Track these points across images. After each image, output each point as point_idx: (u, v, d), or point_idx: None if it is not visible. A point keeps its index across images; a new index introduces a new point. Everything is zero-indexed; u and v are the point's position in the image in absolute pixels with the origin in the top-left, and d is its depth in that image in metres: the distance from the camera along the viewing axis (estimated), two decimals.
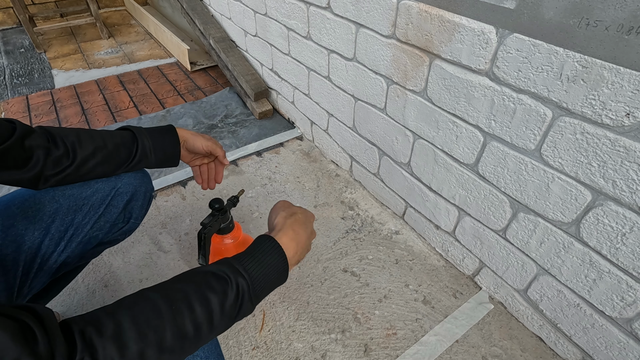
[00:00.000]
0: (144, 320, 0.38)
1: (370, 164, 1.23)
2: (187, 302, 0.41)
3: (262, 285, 0.47)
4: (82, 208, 0.66)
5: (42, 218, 0.62)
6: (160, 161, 0.70)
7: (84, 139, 0.61)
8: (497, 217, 0.85)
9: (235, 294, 0.44)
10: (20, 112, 1.71)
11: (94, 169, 0.63)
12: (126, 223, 0.73)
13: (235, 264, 0.46)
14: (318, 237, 1.14)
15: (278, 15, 1.33)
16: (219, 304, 0.42)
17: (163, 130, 0.70)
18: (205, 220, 0.78)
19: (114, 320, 0.37)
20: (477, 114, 0.79)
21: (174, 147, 0.70)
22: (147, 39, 2.55)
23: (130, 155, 0.66)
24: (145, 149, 0.67)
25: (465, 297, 0.98)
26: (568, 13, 0.56)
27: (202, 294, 0.42)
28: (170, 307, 0.40)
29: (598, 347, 0.76)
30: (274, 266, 0.49)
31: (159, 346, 0.38)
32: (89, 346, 0.34)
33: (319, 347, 0.87)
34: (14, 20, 2.72)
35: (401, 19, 0.86)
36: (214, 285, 0.43)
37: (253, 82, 1.68)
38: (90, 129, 0.64)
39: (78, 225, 0.65)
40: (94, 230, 0.67)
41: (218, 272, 0.45)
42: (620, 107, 0.56)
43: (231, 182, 1.34)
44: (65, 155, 0.58)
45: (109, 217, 0.69)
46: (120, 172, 0.68)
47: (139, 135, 0.66)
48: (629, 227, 0.62)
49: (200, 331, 0.41)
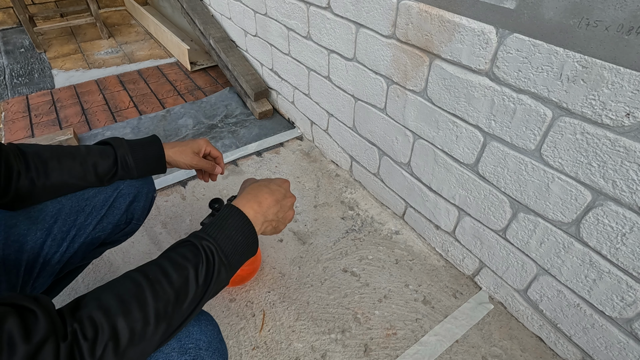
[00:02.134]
0: (124, 291, 0.41)
1: (370, 164, 1.23)
2: (161, 270, 0.44)
3: (229, 246, 0.49)
4: (85, 209, 0.66)
5: (45, 219, 0.62)
6: (143, 173, 0.71)
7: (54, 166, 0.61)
8: (497, 217, 0.85)
9: (205, 256, 0.46)
10: (20, 112, 1.71)
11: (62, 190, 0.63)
12: (128, 224, 0.73)
13: (198, 232, 0.49)
14: (318, 237, 1.14)
15: (278, 15, 1.33)
16: (193, 267, 0.45)
17: (145, 143, 0.70)
18: (205, 220, 0.78)
19: (95, 296, 0.40)
20: (477, 114, 0.79)
21: (157, 161, 0.70)
22: (147, 39, 2.55)
23: (110, 171, 0.66)
24: (128, 167, 0.67)
25: (465, 297, 0.98)
26: (568, 13, 0.56)
27: (174, 262, 0.45)
28: (148, 276, 0.43)
29: (598, 347, 0.76)
30: (236, 227, 0.51)
31: (143, 311, 0.40)
32: (78, 319, 0.37)
33: (319, 347, 0.87)
34: (14, 20, 2.72)
35: (401, 19, 0.86)
36: (183, 252, 0.46)
37: (253, 82, 1.68)
38: (69, 149, 0.63)
39: (80, 226, 0.65)
40: (97, 231, 0.67)
41: (184, 242, 0.48)
42: (620, 107, 0.56)
43: (231, 182, 1.34)
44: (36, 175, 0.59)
45: (111, 218, 0.69)
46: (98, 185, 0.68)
47: (118, 150, 0.66)
48: (629, 227, 0.62)
49: (180, 294, 0.44)
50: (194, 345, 0.49)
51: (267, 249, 1.10)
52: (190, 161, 0.74)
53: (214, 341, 0.52)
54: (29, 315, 0.34)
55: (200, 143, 0.77)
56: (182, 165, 0.74)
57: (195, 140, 0.77)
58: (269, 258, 1.07)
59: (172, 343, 0.48)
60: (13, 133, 1.58)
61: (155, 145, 0.71)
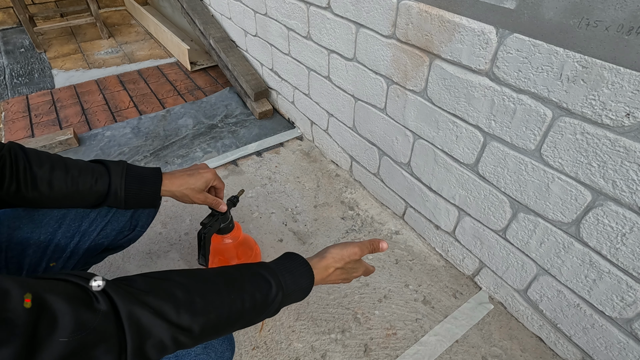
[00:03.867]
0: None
1: (370, 164, 1.23)
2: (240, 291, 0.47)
3: (288, 300, 0.52)
4: (90, 215, 0.65)
5: (49, 223, 0.62)
6: (130, 208, 0.67)
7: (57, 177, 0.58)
8: (497, 217, 0.85)
9: (272, 299, 0.49)
10: (20, 112, 1.71)
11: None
12: (132, 230, 0.72)
13: (279, 277, 0.52)
14: (318, 237, 1.14)
15: (278, 15, 1.33)
16: (260, 303, 0.48)
17: (144, 180, 0.65)
18: (205, 220, 0.78)
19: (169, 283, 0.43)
20: (477, 114, 0.79)
21: (152, 200, 0.67)
22: (147, 38, 2.55)
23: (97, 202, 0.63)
24: (117, 199, 0.63)
25: (465, 297, 0.98)
26: (568, 13, 0.56)
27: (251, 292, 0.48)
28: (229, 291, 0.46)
29: (598, 348, 0.76)
30: (303, 290, 0.54)
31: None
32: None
33: (318, 347, 0.87)
34: (14, 20, 2.72)
35: (401, 19, 0.86)
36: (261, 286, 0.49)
37: (253, 82, 1.68)
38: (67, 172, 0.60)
39: (85, 232, 0.65)
40: (100, 237, 0.67)
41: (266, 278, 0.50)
42: (620, 107, 0.56)
43: (231, 182, 1.34)
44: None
45: (115, 224, 0.68)
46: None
47: (113, 185, 0.62)
48: (629, 228, 0.62)
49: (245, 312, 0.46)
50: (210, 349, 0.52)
51: (267, 249, 1.10)
52: (194, 200, 0.70)
53: (225, 342, 0.55)
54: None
55: (207, 178, 0.71)
56: (189, 202, 0.71)
57: (201, 172, 0.71)
58: (269, 258, 1.07)
59: None
60: (13, 133, 1.58)
61: (153, 185, 0.66)
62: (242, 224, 1.15)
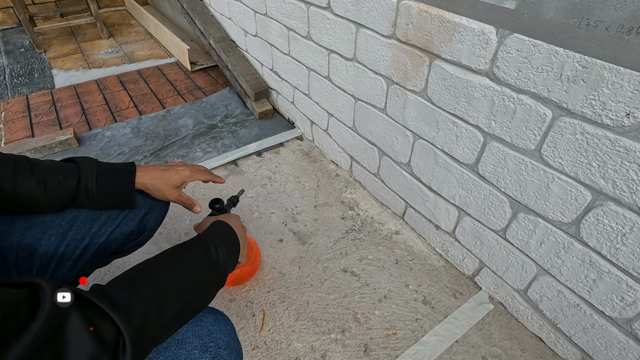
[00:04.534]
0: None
1: (370, 164, 1.23)
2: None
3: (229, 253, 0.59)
4: (100, 218, 0.65)
5: (60, 224, 0.61)
6: (106, 207, 0.64)
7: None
8: (497, 217, 0.85)
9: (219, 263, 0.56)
10: (20, 112, 1.72)
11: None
12: (140, 235, 0.72)
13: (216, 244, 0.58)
14: (318, 237, 1.14)
15: (278, 15, 1.33)
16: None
17: (116, 172, 0.63)
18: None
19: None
20: (477, 114, 0.79)
21: (127, 194, 0.63)
22: (147, 38, 2.55)
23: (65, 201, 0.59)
24: (90, 195, 0.60)
25: (465, 297, 0.98)
26: (568, 13, 0.56)
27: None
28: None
29: (598, 348, 0.76)
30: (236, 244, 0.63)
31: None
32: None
33: (318, 347, 0.87)
34: (14, 20, 2.72)
35: (401, 19, 0.86)
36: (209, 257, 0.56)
37: (253, 82, 1.68)
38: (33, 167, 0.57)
39: (94, 235, 0.64)
40: (109, 240, 0.66)
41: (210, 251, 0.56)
42: (620, 107, 0.56)
43: (231, 182, 1.34)
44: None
45: (124, 228, 0.68)
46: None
47: (83, 180, 0.59)
48: (629, 228, 0.62)
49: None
50: (214, 344, 0.51)
51: (267, 248, 1.10)
52: (167, 196, 0.68)
53: (231, 341, 0.54)
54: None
55: (183, 175, 0.69)
56: (158, 197, 0.69)
57: (177, 169, 0.69)
58: (269, 258, 1.07)
59: (194, 341, 0.50)
60: (13, 133, 1.58)
61: (127, 176, 0.63)
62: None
